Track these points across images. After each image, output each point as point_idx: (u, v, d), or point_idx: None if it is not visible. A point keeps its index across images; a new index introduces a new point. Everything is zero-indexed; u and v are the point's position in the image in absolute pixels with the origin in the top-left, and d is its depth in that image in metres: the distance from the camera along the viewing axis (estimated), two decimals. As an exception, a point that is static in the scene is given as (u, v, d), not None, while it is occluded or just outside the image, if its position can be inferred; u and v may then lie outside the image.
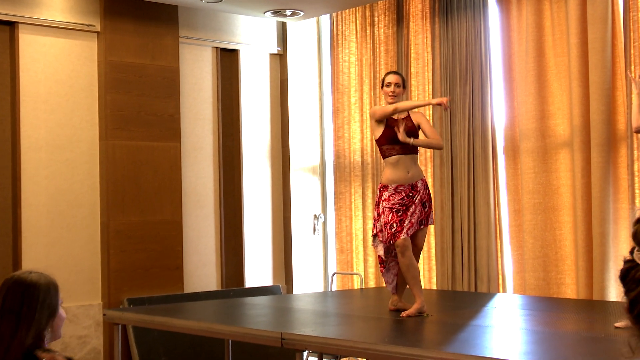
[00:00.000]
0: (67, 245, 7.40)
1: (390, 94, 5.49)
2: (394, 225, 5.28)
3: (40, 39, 7.32)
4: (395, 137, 5.37)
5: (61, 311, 2.81)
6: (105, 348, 7.50)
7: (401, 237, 5.26)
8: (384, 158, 5.47)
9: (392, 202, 5.32)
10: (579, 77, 6.78)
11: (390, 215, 5.29)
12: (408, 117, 5.52)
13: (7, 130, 7.19)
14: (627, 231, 6.57)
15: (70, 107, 7.47)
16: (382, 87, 5.57)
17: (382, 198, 5.37)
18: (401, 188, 5.35)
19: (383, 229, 5.32)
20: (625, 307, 1.62)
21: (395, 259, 5.42)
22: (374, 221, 5.46)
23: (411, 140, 5.37)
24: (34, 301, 2.71)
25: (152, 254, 7.73)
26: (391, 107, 5.39)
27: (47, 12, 7.34)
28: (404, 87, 5.56)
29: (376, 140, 5.50)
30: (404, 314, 5.27)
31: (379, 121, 5.45)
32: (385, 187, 5.38)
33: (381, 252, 5.41)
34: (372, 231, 5.46)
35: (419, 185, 5.42)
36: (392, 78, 5.53)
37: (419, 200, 5.38)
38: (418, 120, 5.54)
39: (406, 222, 5.30)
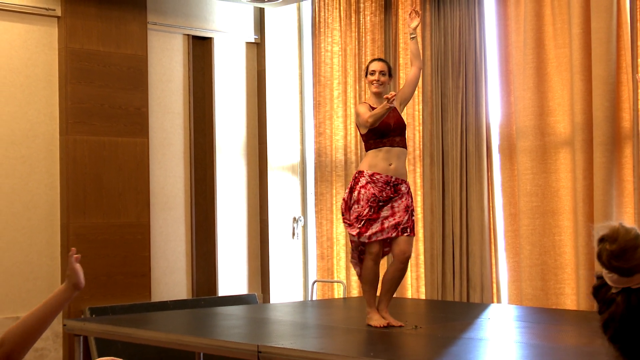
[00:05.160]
0: (23, 250, 7.36)
1: (375, 83, 5.48)
2: (363, 221, 5.31)
3: (-6, 23, 7.30)
4: (385, 129, 5.37)
5: None
6: (64, 362, 7.47)
7: (373, 241, 5.31)
8: (368, 149, 5.47)
9: (367, 193, 5.32)
10: (581, 71, 6.81)
11: (367, 210, 5.31)
12: (394, 109, 5.49)
13: (-42, 124, 7.16)
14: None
15: (26, 98, 7.43)
16: (366, 75, 5.57)
17: (359, 185, 5.36)
18: (377, 177, 5.34)
19: (353, 222, 5.35)
20: (599, 325, 1.72)
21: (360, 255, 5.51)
22: (344, 205, 5.45)
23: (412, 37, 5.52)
24: None
25: (116, 259, 7.71)
26: (369, 119, 5.34)
27: (3, -5, 7.32)
28: (390, 75, 5.56)
29: (363, 135, 5.49)
30: (369, 322, 5.33)
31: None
32: (360, 173, 5.40)
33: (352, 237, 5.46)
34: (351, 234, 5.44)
35: (403, 189, 5.42)
36: (376, 66, 5.52)
37: (403, 207, 5.38)
38: (399, 100, 5.57)
39: (375, 225, 5.32)
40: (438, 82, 7.79)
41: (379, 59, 5.65)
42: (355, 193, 5.34)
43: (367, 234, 5.32)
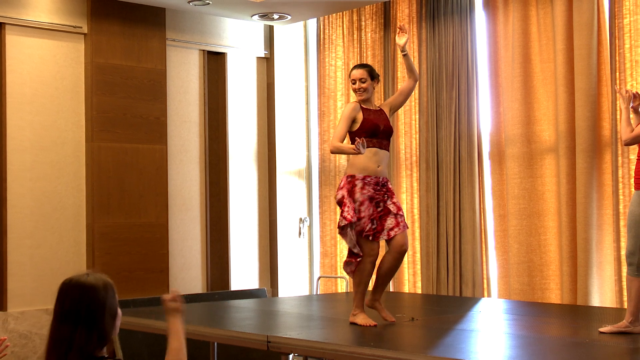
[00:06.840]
0: (51, 247, 7.37)
1: (358, 91, 5.21)
2: (375, 221, 5.07)
3: (26, 40, 7.30)
4: (374, 130, 5.12)
5: (119, 311, 2.82)
6: (89, 351, 7.46)
7: (380, 239, 5.06)
8: None
9: (368, 194, 5.07)
10: (564, 84, 6.81)
11: (372, 209, 5.06)
12: (381, 111, 5.27)
13: (-8, 132, 7.16)
14: (611, 237, 6.60)
15: (55, 108, 7.45)
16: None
17: (357, 187, 5.06)
18: (369, 179, 5.09)
19: (362, 220, 5.05)
20: None
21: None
22: (344, 209, 5.06)
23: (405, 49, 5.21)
24: (93, 304, 2.70)
25: (137, 256, 7.72)
26: (331, 148, 5.11)
27: (34, 13, 7.32)
28: (373, 78, 5.23)
29: (352, 132, 5.18)
30: (355, 320, 5.19)
31: (354, 118, 5.16)
32: (353, 177, 5.09)
33: (353, 241, 5.10)
34: (342, 222, 5.05)
35: (389, 186, 5.19)
36: (355, 74, 5.22)
37: (397, 206, 5.15)
38: (390, 106, 5.35)
39: (388, 222, 5.08)
40: (433, 93, 7.78)
41: (359, 66, 5.32)
42: (358, 195, 5.05)
43: (376, 234, 5.08)
